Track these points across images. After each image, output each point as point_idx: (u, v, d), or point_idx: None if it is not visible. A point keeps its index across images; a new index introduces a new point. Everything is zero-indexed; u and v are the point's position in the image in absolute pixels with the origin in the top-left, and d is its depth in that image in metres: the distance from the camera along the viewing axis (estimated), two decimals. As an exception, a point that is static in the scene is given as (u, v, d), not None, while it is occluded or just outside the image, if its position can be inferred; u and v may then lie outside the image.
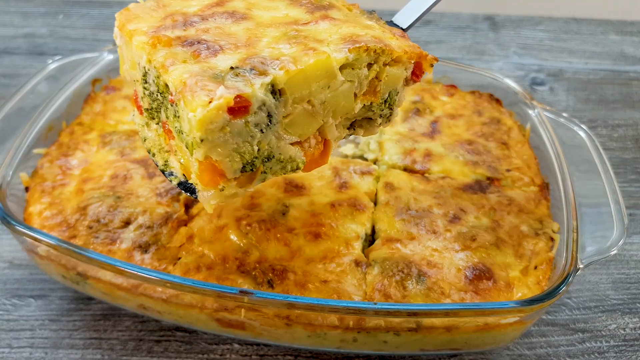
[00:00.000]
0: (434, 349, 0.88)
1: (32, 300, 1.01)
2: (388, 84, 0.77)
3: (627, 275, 1.09)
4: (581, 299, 1.04)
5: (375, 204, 0.98)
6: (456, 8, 1.88)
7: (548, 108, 1.12)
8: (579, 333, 0.99)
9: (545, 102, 1.43)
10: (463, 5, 1.88)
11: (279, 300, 0.77)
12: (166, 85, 0.70)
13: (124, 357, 0.93)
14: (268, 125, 0.69)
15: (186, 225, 0.93)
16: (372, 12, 0.83)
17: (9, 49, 1.64)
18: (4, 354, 0.93)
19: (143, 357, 0.93)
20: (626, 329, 1.00)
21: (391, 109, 0.81)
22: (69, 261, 0.87)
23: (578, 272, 0.82)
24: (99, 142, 1.07)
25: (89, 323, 0.98)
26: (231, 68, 0.67)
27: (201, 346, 0.95)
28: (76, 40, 1.70)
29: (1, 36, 1.69)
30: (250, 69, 0.67)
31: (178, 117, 0.69)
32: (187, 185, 0.77)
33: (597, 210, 0.92)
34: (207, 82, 0.65)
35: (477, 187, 1.01)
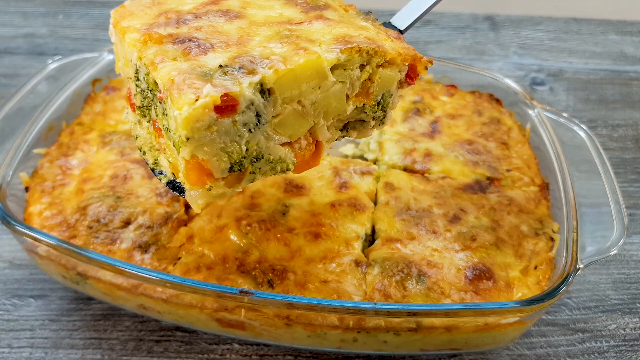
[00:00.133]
0: (434, 349, 0.88)
1: (32, 300, 1.01)
2: (381, 86, 0.76)
3: (627, 275, 1.09)
4: (581, 299, 1.04)
5: (375, 204, 0.98)
6: (456, 8, 1.88)
7: (548, 108, 1.12)
8: (579, 333, 0.99)
9: (545, 102, 1.43)
10: (463, 5, 1.88)
11: (279, 300, 0.77)
12: (155, 82, 0.69)
13: (124, 357, 0.93)
14: (257, 125, 0.68)
15: (186, 225, 0.93)
16: (369, 14, 0.83)
17: (9, 49, 1.64)
18: (4, 354, 0.93)
19: (143, 357, 0.93)
20: (626, 329, 1.00)
21: (384, 112, 0.80)
22: (69, 261, 0.87)
23: (578, 272, 0.82)
24: (99, 142, 1.07)
25: (89, 323, 0.98)
26: (220, 66, 0.66)
27: (201, 346, 0.95)
28: (76, 40, 1.70)
29: (1, 36, 1.69)
30: (239, 68, 0.66)
31: (166, 115, 0.68)
32: (176, 184, 0.76)
33: (597, 210, 0.92)
34: (195, 80, 0.64)
35: (477, 187, 1.01)
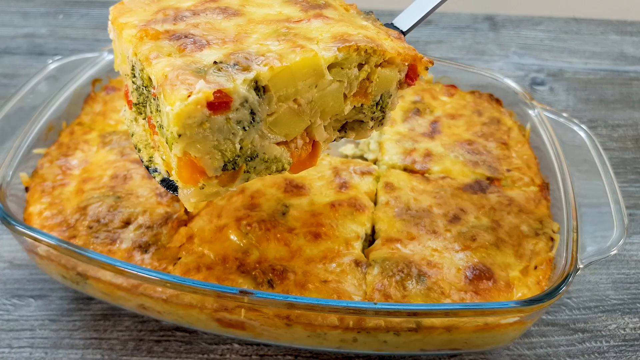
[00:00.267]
0: (434, 349, 0.88)
1: (32, 300, 1.01)
2: (380, 86, 0.75)
3: (627, 275, 1.09)
4: (581, 299, 1.04)
5: (375, 204, 0.98)
6: (456, 8, 1.88)
7: (548, 108, 1.12)
8: (579, 333, 0.99)
9: (545, 102, 1.43)
10: (463, 5, 1.88)
11: (279, 300, 0.77)
12: (150, 78, 0.68)
13: (124, 357, 0.93)
14: (251, 123, 0.67)
15: (186, 225, 0.93)
16: (370, 13, 0.82)
17: (9, 49, 1.64)
18: (4, 354, 0.93)
19: (143, 357, 0.93)
20: (626, 329, 0.99)
21: (383, 112, 0.79)
22: (69, 261, 0.87)
23: (578, 272, 0.82)
24: (99, 142, 1.07)
25: (89, 323, 0.98)
26: (214, 63, 0.65)
27: (201, 346, 0.95)
28: (76, 40, 1.70)
29: (1, 36, 1.69)
30: (233, 64, 0.65)
31: (160, 111, 0.67)
32: (170, 182, 0.75)
33: (597, 210, 0.92)
34: (188, 76, 0.63)
35: (477, 187, 1.01)
